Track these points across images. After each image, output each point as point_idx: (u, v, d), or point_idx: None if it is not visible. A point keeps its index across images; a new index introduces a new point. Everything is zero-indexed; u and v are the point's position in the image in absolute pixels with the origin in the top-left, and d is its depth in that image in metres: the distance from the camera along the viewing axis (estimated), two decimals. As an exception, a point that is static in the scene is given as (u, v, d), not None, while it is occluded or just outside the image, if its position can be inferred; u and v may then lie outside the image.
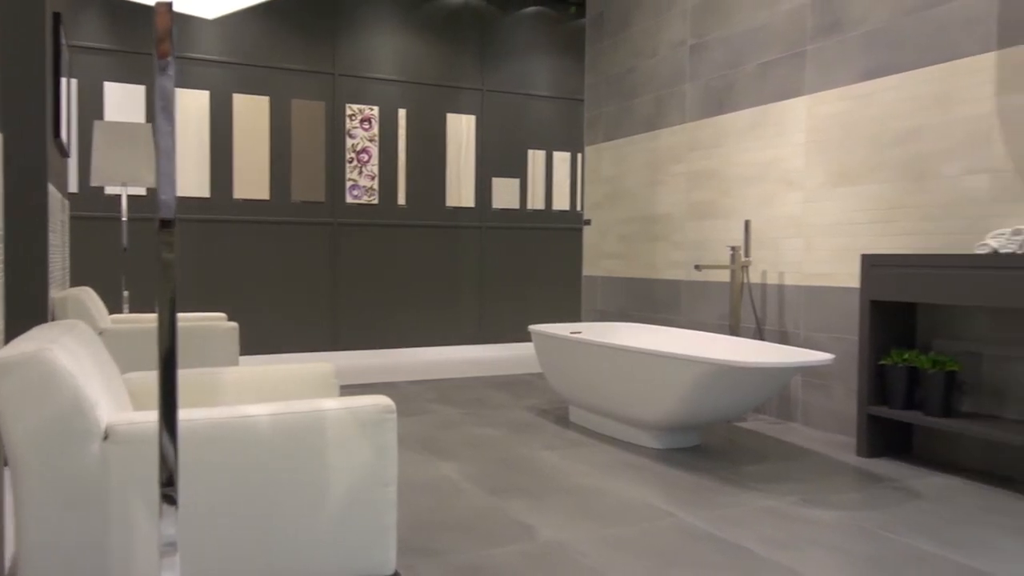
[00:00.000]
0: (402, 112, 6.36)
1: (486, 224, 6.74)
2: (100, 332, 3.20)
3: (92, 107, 5.38)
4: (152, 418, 1.41)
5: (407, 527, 2.30)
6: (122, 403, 1.70)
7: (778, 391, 3.03)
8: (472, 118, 6.65)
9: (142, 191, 5.51)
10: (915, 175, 3.25)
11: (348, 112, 6.17)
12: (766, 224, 4.00)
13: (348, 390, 4.62)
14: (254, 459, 1.47)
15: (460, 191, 6.62)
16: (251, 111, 5.84)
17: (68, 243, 4.35)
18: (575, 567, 2.02)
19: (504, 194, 6.79)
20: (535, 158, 6.91)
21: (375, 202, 6.28)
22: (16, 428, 1.31)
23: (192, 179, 5.66)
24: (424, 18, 6.45)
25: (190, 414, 1.44)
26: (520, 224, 6.87)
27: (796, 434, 3.59)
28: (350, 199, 6.19)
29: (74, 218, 5.36)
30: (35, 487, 1.33)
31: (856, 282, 3.51)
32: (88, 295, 3.25)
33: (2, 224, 1.66)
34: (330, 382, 2.17)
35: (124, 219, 4.34)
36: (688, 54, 4.58)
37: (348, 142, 6.18)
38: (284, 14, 5.96)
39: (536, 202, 6.93)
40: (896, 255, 3.02)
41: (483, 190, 6.72)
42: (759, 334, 4.04)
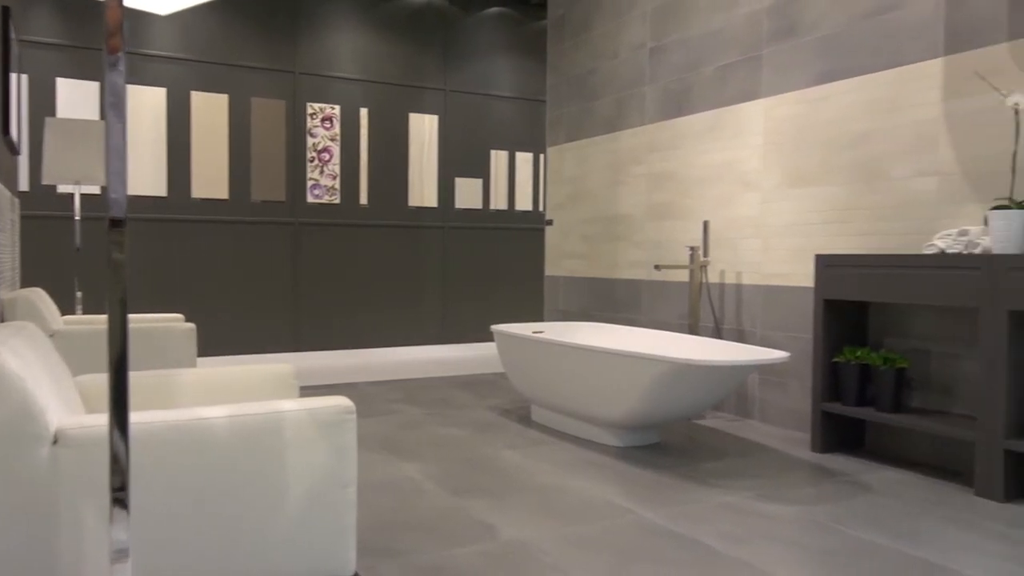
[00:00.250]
0: (364, 111, 6.32)
1: (449, 224, 6.74)
2: (52, 334, 3.13)
3: (44, 103, 5.24)
4: (104, 421, 1.38)
5: (368, 528, 2.30)
6: (73, 406, 1.66)
7: (736, 389, 3.09)
8: (435, 118, 6.63)
9: (96, 190, 5.39)
10: (867, 177, 3.34)
11: (309, 111, 6.12)
12: (724, 225, 4.07)
13: (309, 391, 4.58)
14: (210, 462, 1.46)
15: (423, 191, 6.60)
16: (210, 109, 5.75)
17: (18, 243, 4.23)
18: (536, 565, 2.03)
19: (467, 194, 6.79)
20: (498, 158, 6.93)
21: (337, 202, 6.23)
22: (-38, 433, 1.28)
23: (148, 178, 5.56)
24: (386, 17, 6.42)
25: (144, 416, 1.42)
26: (483, 224, 6.88)
27: (753, 431, 3.65)
28: (311, 199, 6.14)
29: (25, 217, 5.22)
30: (-18, 493, 1.30)
31: (811, 282, 3.59)
32: (39, 296, 3.17)
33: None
34: (290, 383, 2.15)
35: (77, 218, 4.24)
36: (648, 56, 4.63)
37: (309, 141, 6.12)
38: (243, 11, 5.88)
39: (499, 202, 6.94)
40: (848, 255, 3.09)
41: (446, 190, 6.71)
42: (717, 333, 4.10)
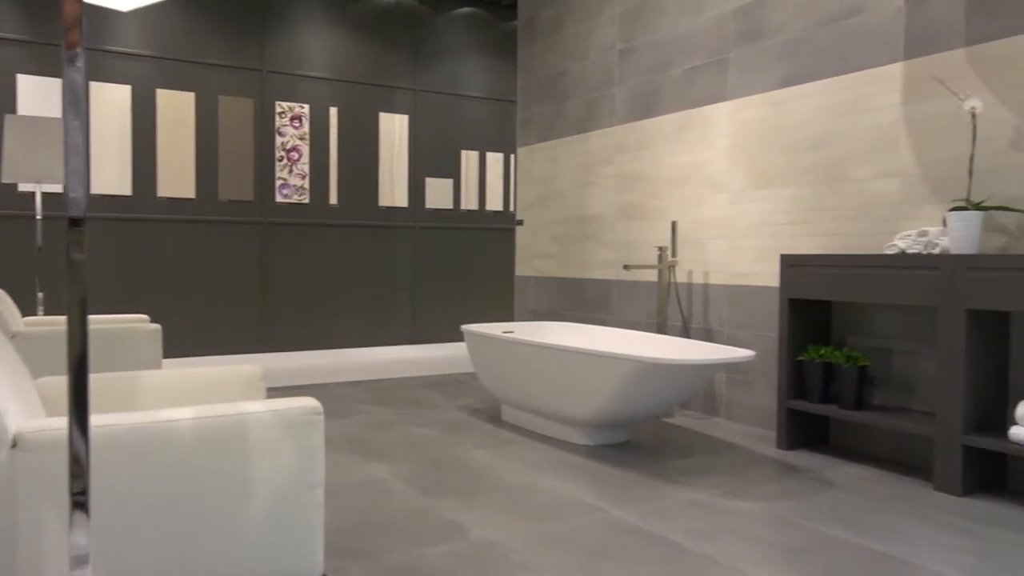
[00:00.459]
0: (333, 111, 6.28)
1: (419, 224, 6.72)
2: (12, 335, 3.06)
3: (5, 100, 5.13)
4: (64, 424, 1.36)
5: (337, 529, 2.28)
6: (34, 409, 1.63)
7: (703, 387, 3.13)
8: (405, 118, 6.61)
9: (58, 188, 5.28)
10: (829, 179, 3.40)
11: (278, 110, 6.06)
12: (692, 225, 4.12)
13: (277, 392, 4.54)
14: (174, 465, 1.44)
15: (393, 191, 6.58)
16: (176, 107, 5.66)
17: (-24, 243, 4.13)
18: (506, 564, 2.04)
19: (437, 194, 6.78)
20: (468, 158, 6.92)
21: (306, 201, 6.18)
22: (-85, 437, 1.25)
23: (113, 177, 5.46)
24: (355, 16, 6.38)
25: (106, 419, 1.40)
26: (453, 224, 6.87)
27: (720, 428, 3.70)
28: (280, 198, 6.08)
29: (-17, 216, 5.09)
30: (-63, 498, 1.27)
31: (776, 281, 3.65)
32: (-2, 297, 3.10)
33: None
34: (256, 384, 2.13)
35: (39, 217, 4.16)
36: (617, 58, 4.67)
37: (278, 140, 6.06)
38: (209, 8, 5.81)
39: (469, 202, 6.94)
40: (812, 255, 3.15)
41: (416, 190, 6.69)
42: (685, 332, 4.15)
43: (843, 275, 3.02)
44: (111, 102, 5.45)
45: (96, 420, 1.39)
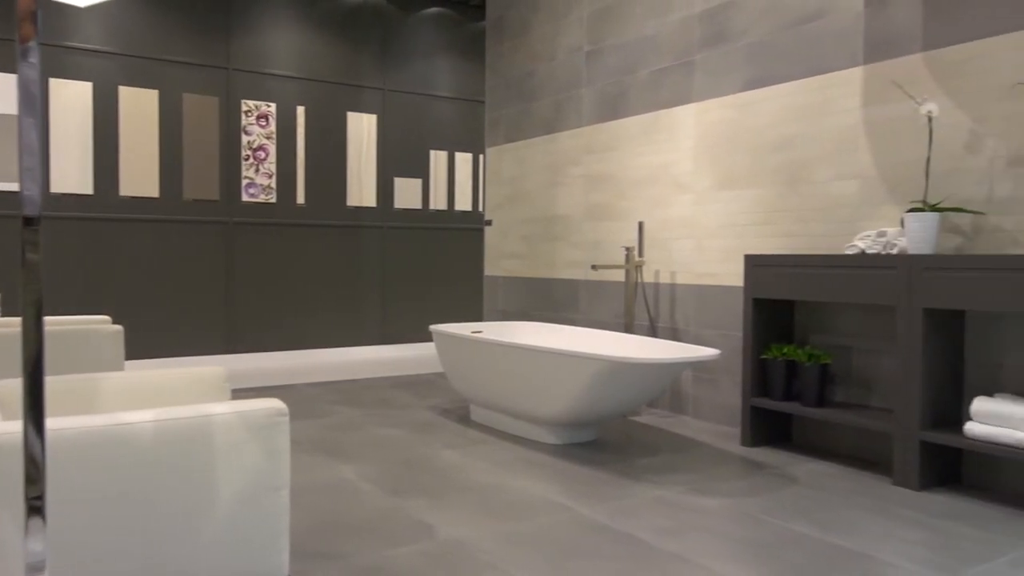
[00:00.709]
0: (301, 109, 6.22)
1: (388, 224, 6.69)
2: (-34, 338, 2.98)
3: (-43, 96, 4.99)
4: (19, 427, 1.34)
5: (304, 531, 2.27)
6: (-11, 413, 1.60)
7: (670, 386, 3.16)
8: (373, 117, 6.58)
9: (14, 186, 5.16)
10: (792, 180, 3.46)
11: (244, 108, 5.98)
12: (658, 225, 4.16)
13: (243, 394, 4.48)
14: (135, 468, 1.42)
15: (361, 191, 6.54)
16: (139, 105, 5.57)
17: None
18: (474, 564, 2.04)
19: (406, 194, 6.75)
20: (437, 158, 6.91)
21: (273, 201, 6.12)
22: None
23: (73, 175, 5.35)
24: (323, 14, 6.33)
25: (63, 422, 1.38)
26: (422, 224, 6.85)
27: (686, 426, 3.74)
28: (246, 197, 6.01)
29: (-63, 216, 4.96)
30: None
31: (741, 281, 3.70)
32: (-48, 299, 3.03)
33: None
34: (221, 386, 2.11)
35: (-5, 217, 4.06)
36: (584, 60, 4.70)
37: (244, 139, 5.99)
38: (173, 4, 5.72)
39: (438, 202, 6.92)
40: (775, 255, 3.20)
41: (385, 190, 6.66)
42: (652, 331, 4.19)
43: (805, 275, 3.07)
44: (72, 99, 5.34)
45: (53, 423, 1.37)
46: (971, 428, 2.58)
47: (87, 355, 3.22)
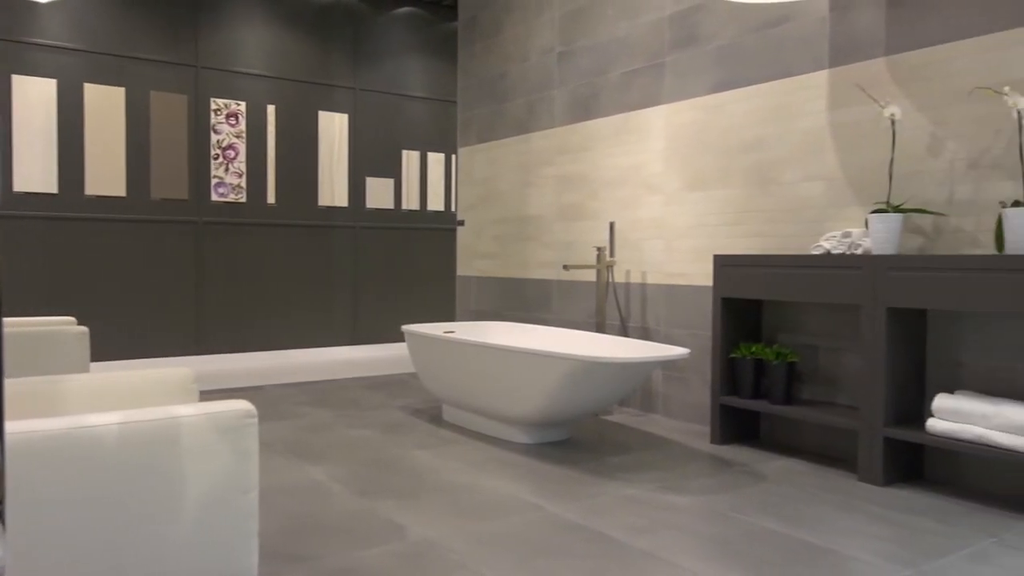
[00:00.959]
0: (271, 108, 6.16)
1: (360, 224, 6.65)
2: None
3: (-84, 92, 4.87)
4: (-18, 431, 1.31)
5: (274, 533, 2.25)
6: (-52, 416, 1.57)
7: (641, 385, 3.19)
8: (345, 117, 6.54)
9: (-23, 186, 5.05)
10: (760, 181, 3.51)
11: (213, 107, 5.92)
12: (629, 226, 4.19)
13: (212, 395, 4.43)
14: (99, 472, 1.40)
15: (333, 190, 6.49)
16: (105, 102, 5.48)
17: None
18: (445, 564, 2.04)
19: (378, 194, 6.72)
20: (409, 158, 6.89)
21: (243, 200, 6.05)
22: None
23: (37, 174, 5.25)
24: (293, 12, 6.28)
25: (23, 425, 1.35)
26: (395, 224, 6.83)
27: (657, 425, 3.78)
28: (216, 197, 5.94)
29: None
30: None
31: (710, 281, 3.74)
32: (-90, 300, 2.95)
33: None
34: (188, 387, 2.09)
35: (-45, 216, 3.97)
36: (556, 61, 4.72)
37: (213, 138, 5.92)
38: (140, 0, 5.63)
39: (411, 202, 6.90)
40: (743, 255, 3.24)
41: (357, 190, 6.63)
42: (624, 331, 4.22)
43: (772, 275, 3.12)
44: (36, 96, 5.23)
45: (15, 426, 1.35)
46: (933, 425, 2.64)
47: (51, 357, 3.17)
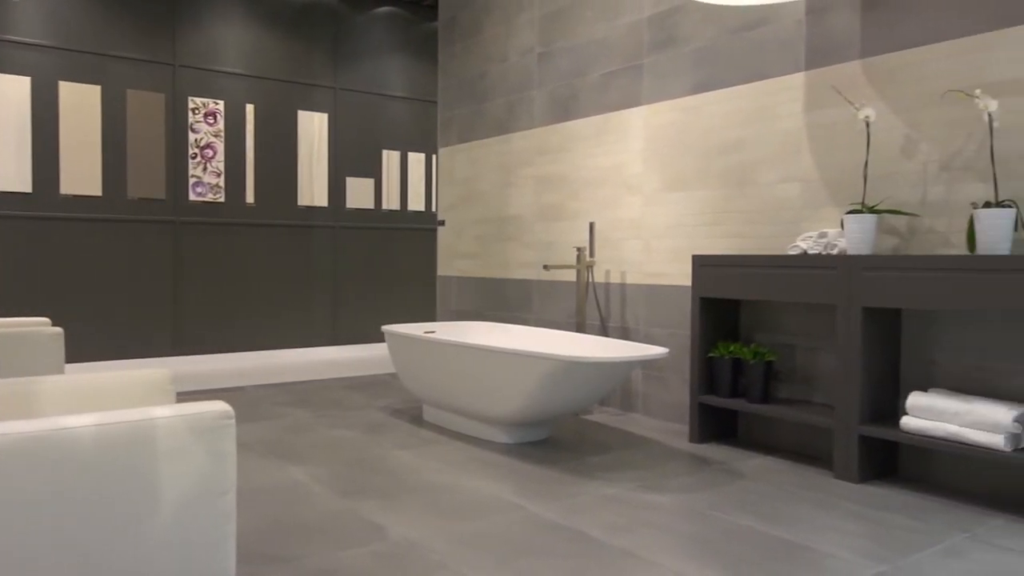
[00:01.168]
0: (250, 107, 6.12)
1: (340, 224, 6.62)
2: None
3: None
4: (-46, 434, 1.30)
5: (253, 534, 2.24)
6: (-81, 419, 1.54)
7: (620, 384, 3.21)
8: (324, 116, 6.51)
9: (-52, 185, 4.96)
10: (738, 182, 3.54)
11: (191, 105, 5.86)
12: (609, 226, 4.21)
13: (191, 396, 4.40)
14: (73, 475, 1.39)
15: (313, 190, 6.46)
16: (80, 100, 5.41)
17: None
18: (425, 564, 2.04)
19: (358, 194, 6.70)
20: (390, 158, 6.87)
21: (221, 200, 6.00)
22: None
23: (11, 173, 5.17)
24: (272, 11, 6.24)
25: (-1, 428, 1.34)
26: (375, 224, 6.81)
27: (637, 424, 3.80)
28: (194, 196, 5.89)
29: None
30: None
31: (689, 281, 3.77)
32: None
33: None
34: (165, 388, 2.07)
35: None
36: (536, 61, 4.73)
37: (191, 137, 5.87)
38: (117, -2, 5.57)
39: (391, 202, 6.88)
40: (722, 256, 3.27)
41: (337, 189, 6.60)
42: (603, 330, 4.24)
43: (750, 275, 3.15)
44: (9, 94, 5.16)
45: (-12, 429, 1.33)
46: (907, 422, 2.68)
47: (25, 358, 3.13)
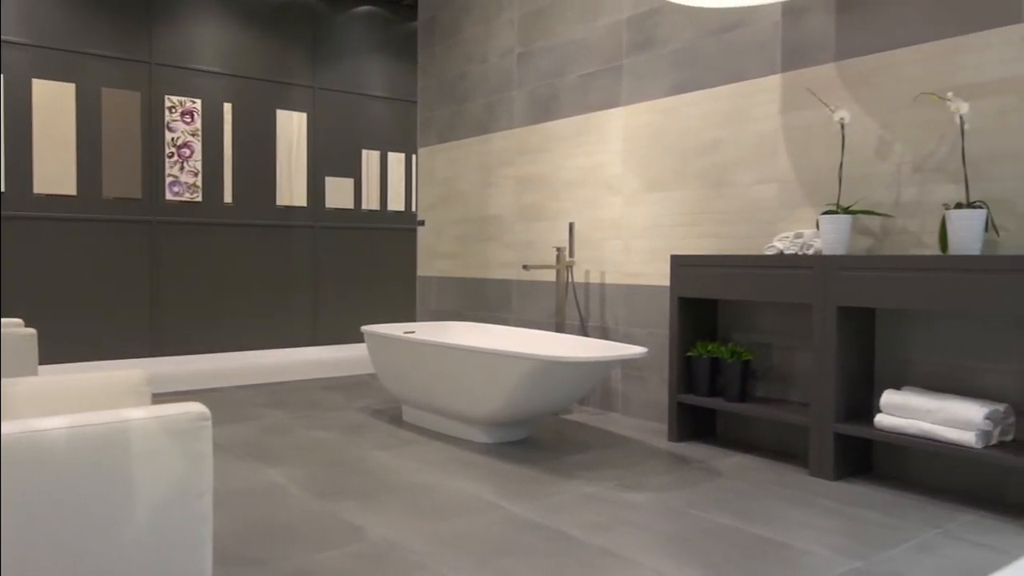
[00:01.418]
0: (228, 106, 6.07)
1: (319, 224, 6.59)
2: None
3: None
4: (-78, 437, 1.28)
5: (230, 537, 2.23)
6: None
7: (600, 384, 3.22)
8: (303, 116, 6.47)
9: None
10: (715, 183, 3.57)
11: (168, 104, 5.80)
12: (589, 226, 4.23)
13: (167, 397, 4.35)
14: (49, 477, 1.37)
15: (292, 190, 6.42)
16: (54, 98, 5.33)
17: None
18: (404, 565, 2.04)
19: (338, 194, 6.66)
20: (369, 158, 6.84)
21: (199, 200, 5.95)
22: None
23: (-19, 171, 5.09)
24: (250, 9, 6.19)
25: (-30, 431, 1.32)
26: (354, 224, 6.78)
27: (616, 423, 3.82)
28: (170, 196, 5.83)
29: None
30: None
31: (667, 280, 3.80)
32: None
33: None
34: (141, 390, 2.05)
35: None
36: (516, 62, 4.73)
37: (168, 136, 5.81)
38: (91, -5, 5.50)
39: (371, 202, 6.86)
40: (699, 256, 3.30)
41: (316, 189, 6.56)
42: (583, 330, 4.25)
43: (727, 275, 3.18)
44: (-21, 92, 5.07)
45: (-42, 432, 1.31)
46: (881, 420, 2.72)
47: (-3, 360, 3.08)
